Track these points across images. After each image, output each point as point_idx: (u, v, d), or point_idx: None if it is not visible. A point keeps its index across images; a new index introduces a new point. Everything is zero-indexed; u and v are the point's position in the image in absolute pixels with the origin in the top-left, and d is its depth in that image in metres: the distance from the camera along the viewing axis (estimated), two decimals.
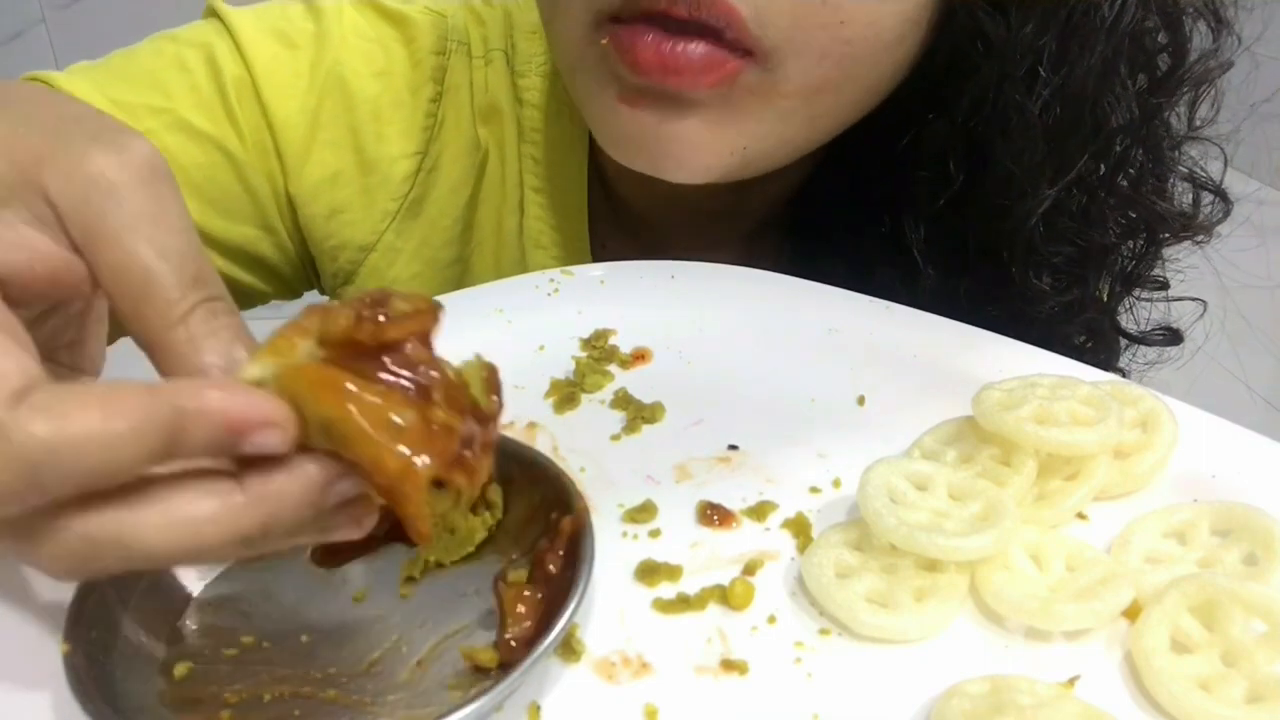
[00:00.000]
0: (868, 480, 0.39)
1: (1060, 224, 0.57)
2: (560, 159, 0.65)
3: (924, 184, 0.58)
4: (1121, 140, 0.55)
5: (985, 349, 0.50)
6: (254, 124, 0.59)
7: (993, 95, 0.53)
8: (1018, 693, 0.33)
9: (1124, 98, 0.54)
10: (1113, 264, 0.61)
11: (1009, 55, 0.52)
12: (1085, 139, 0.54)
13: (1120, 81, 0.53)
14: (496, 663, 0.33)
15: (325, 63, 0.60)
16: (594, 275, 0.55)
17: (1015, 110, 0.53)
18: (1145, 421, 0.43)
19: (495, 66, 0.64)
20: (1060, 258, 0.58)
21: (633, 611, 0.37)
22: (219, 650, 0.35)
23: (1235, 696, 0.33)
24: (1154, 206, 0.59)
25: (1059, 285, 0.59)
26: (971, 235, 0.58)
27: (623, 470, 0.43)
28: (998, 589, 0.37)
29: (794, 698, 0.34)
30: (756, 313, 0.53)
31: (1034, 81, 0.52)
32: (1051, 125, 0.53)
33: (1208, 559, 0.39)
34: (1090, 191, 0.57)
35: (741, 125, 0.51)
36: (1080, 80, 0.52)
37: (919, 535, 0.37)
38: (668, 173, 0.53)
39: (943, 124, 0.56)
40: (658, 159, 0.52)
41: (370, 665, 0.34)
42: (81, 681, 0.31)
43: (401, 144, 0.62)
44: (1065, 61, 0.52)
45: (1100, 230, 0.58)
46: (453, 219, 0.65)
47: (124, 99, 0.57)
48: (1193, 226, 0.61)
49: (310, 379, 0.28)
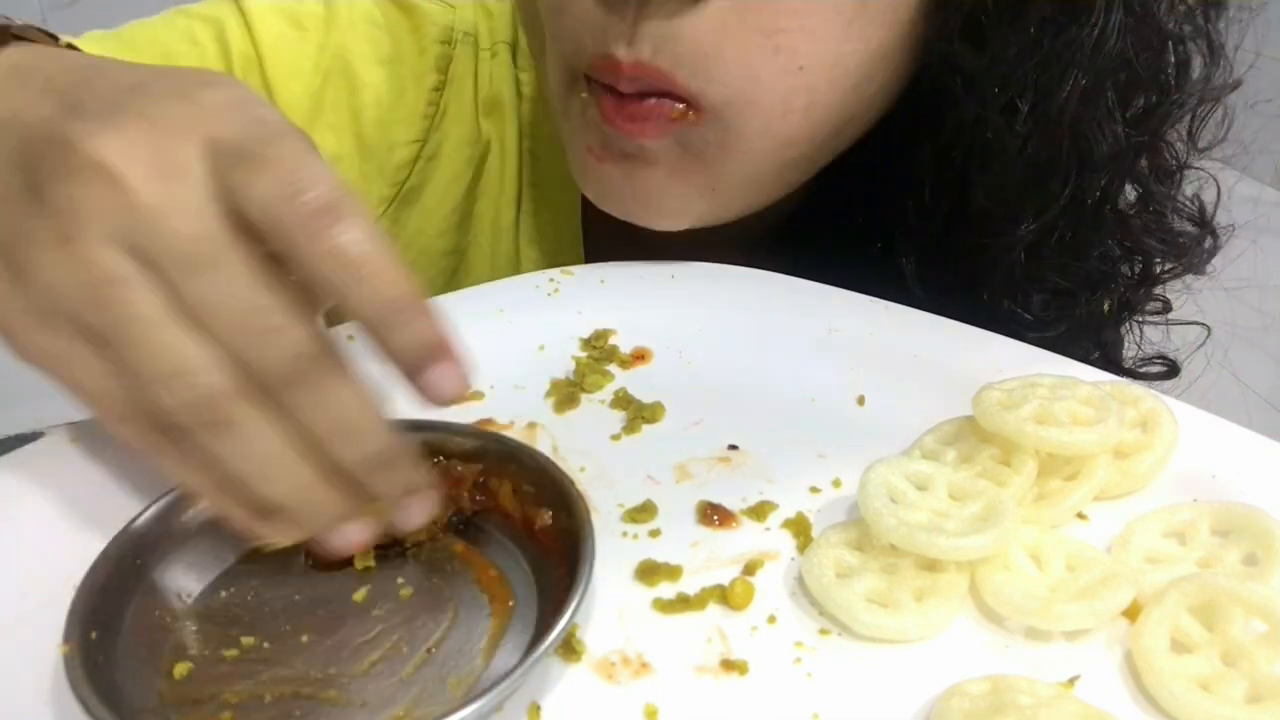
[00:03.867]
0: (868, 480, 0.39)
1: (1044, 256, 0.56)
2: (556, 155, 0.65)
3: (911, 212, 0.57)
4: (1107, 172, 0.53)
5: (985, 349, 0.50)
6: None
7: (970, 127, 0.52)
8: (1018, 693, 0.33)
9: (1109, 128, 0.51)
10: (1105, 297, 0.59)
11: (985, 86, 0.50)
12: (1067, 172, 0.52)
13: (1105, 112, 0.51)
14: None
15: (331, 46, 0.60)
16: (594, 275, 0.55)
17: (995, 142, 0.52)
18: (1145, 421, 0.43)
19: (500, 60, 0.65)
20: (1043, 292, 0.57)
21: (633, 611, 0.37)
22: (219, 651, 0.35)
23: (1235, 696, 0.33)
24: (1144, 239, 0.57)
25: (1045, 318, 0.57)
26: (955, 265, 0.57)
27: (623, 470, 0.43)
28: (998, 589, 0.37)
29: (794, 698, 0.34)
30: (756, 313, 0.53)
31: (1013, 114, 0.51)
32: (1031, 157, 0.52)
33: (1208, 559, 0.39)
34: (1074, 224, 0.55)
35: (707, 170, 0.51)
36: (1059, 111, 0.50)
37: (919, 535, 0.37)
38: (645, 220, 0.54)
39: (925, 153, 0.55)
40: (631, 208, 0.54)
41: (371, 665, 0.34)
42: (81, 682, 0.31)
43: (402, 131, 0.62)
44: (1043, 92, 0.50)
45: (1084, 263, 0.57)
46: (450, 209, 0.65)
47: None
48: (1186, 263, 0.59)
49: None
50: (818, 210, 0.62)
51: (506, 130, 0.65)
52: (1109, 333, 0.62)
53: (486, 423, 0.45)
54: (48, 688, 0.33)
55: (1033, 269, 0.56)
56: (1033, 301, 0.57)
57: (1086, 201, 0.54)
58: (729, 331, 0.52)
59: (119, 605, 0.34)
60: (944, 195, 0.56)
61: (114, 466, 0.42)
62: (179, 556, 0.37)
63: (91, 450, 0.42)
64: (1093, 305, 0.58)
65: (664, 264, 0.56)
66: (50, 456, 0.42)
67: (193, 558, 0.37)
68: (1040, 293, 0.57)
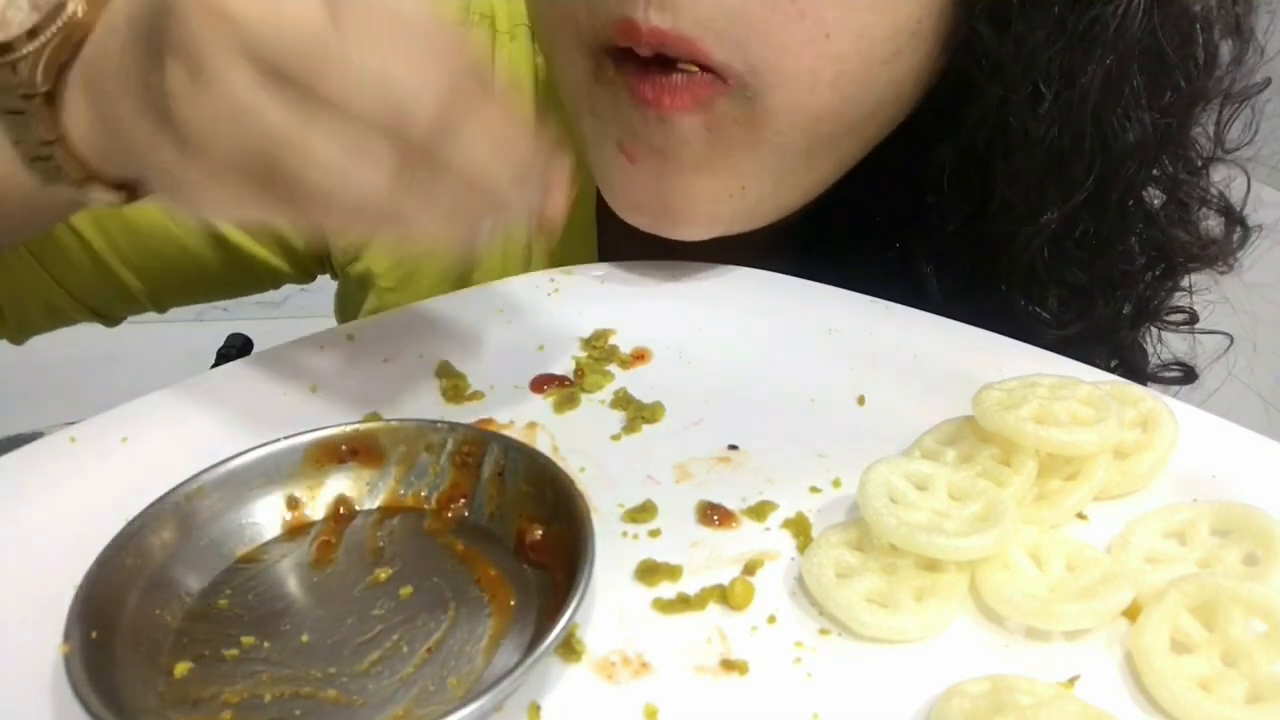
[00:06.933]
0: (868, 480, 0.39)
1: (1066, 250, 0.55)
2: (572, 143, 0.65)
3: (931, 209, 0.57)
4: (1131, 162, 0.53)
5: (985, 349, 0.50)
6: None
7: (995, 116, 0.52)
8: (1018, 693, 0.33)
9: (1135, 117, 0.51)
10: (1125, 296, 0.58)
11: (1010, 72, 0.50)
12: (1091, 161, 0.52)
13: (1131, 99, 0.51)
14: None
15: None
16: (594, 275, 0.55)
17: (1017, 131, 0.51)
18: (1145, 421, 0.43)
19: (519, 42, 0.64)
20: (1064, 288, 0.56)
21: (633, 611, 0.37)
22: (219, 650, 0.35)
23: (1235, 696, 0.33)
24: (1170, 234, 0.56)
25: (1064, 317, 0.57)
26: (976, 260, 0.57)
27: (623, 470, 0.43)
28: (998, 589, 0.37)
29: (794, 698, 0.34)
30: (756, 313, 0.53)
31: (1037, 101, 0.51)
32: (1055, 144, 0.51)
33: (1208, 559, 0.39)
34: (1098, 217, 0.54)
35: (734, 164, 0.51)
36: (1084, 95, 0.50)
37: (919, 535, 0.37)
38: (673, 232, 0.53)
39: (948, 147, 0.55)
40: (660, 219, 0.53)
41: (370, 665, 0.34)
42: (82, 682, 0.31)
43: None
44: (1068, 76, 0.50)
45: (1109, 259, 0.56)
46: None
47: None
48: (1212, 256, 0.58)
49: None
50: (834, 211, 0.62)
51: (524, 112, 0.65)
52: (1127, 335, 0.61)
53: (486, 423, 0.46)
54: (48, 688, 0.33)
55: (1054, 263, 0.55)
56: (1050, 298, 0.57)
57: (1111, 193, 0.53)
58: (729, 331, 0.52)
59: (119, 605, 0.34)
60: (966, 189, 0.55)
61: (114, 466, 0.42)
62: (179, 556, 0.37)
63: (92, 450, 0.42)
64: (1112, 305, 0.58)
65: (664, 264, 0.56)
66: (50, 456, 0.42)
67: (193, 557, 0.37)
68: (1060, 288, 0.57)
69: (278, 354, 0.48)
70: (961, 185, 0.55)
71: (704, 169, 0.51)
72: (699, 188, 0.51)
